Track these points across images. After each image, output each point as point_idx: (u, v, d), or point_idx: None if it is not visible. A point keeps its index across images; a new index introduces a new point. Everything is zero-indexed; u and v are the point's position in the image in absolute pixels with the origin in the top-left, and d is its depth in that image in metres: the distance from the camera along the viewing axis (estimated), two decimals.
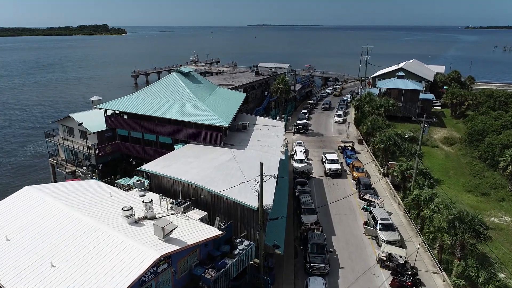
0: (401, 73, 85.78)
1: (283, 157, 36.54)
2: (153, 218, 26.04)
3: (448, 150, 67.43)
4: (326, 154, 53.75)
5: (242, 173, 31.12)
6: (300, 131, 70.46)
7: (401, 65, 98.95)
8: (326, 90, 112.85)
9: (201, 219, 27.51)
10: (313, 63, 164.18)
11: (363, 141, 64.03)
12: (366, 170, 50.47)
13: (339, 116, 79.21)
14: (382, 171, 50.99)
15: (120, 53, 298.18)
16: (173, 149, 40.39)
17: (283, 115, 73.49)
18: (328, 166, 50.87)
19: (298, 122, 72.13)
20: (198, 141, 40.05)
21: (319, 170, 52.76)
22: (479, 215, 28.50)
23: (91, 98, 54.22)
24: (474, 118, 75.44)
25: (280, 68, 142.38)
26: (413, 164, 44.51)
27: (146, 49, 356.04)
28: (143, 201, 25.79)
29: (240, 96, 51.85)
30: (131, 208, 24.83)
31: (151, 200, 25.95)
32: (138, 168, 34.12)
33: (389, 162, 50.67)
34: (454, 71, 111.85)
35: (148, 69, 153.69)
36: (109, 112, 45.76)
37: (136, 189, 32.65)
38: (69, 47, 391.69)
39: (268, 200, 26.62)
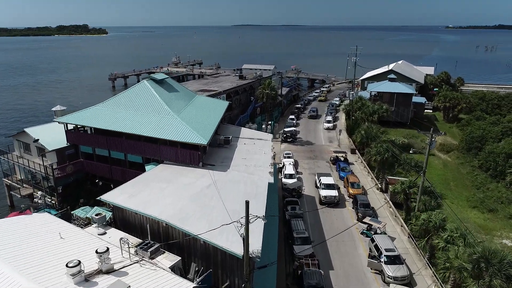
0: (392, 75, 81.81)
1: (272, 180, 31.33)
2: (110, 271, 20.54)
3: (445, 158, 63.51)
4: (321, 178, 45.04)
5: (224, 205, 25.79)
6: (288, 140, 65.42)
7: (391, 66, 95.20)
8: (313, 93, 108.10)
9: (173, 268, 22.08)
10: (299, 64, 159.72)
11: (356, 150, 59.41)
12: (362, 186, 45.68)
13: (328, 122, 74.52)
14: (380, 186, 46.30)
15: (99, 54, 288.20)
16: (144, 169, 34.83)
17: (270, 122, 68.40)
18: (324, 192, 42.70)
19: (286, 129, 67.07)
20: (173, 160, 34.51)
21: (310, 186, 47.76)
22: (509, 254, 23.86)
23: (54, 108, 48.00)
24: (470, 123, 71.87)
25: (265, 70, 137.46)
26: (416, 180, 40.00)
27: (127, 50, 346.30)
28: (96, 251, 20.23)
29: (222, 105, 46.43)
30: (79, 263, 19.19)
31: (107, 250, 20.38)
32: (99, 198, 28.39)
33: (388, 176, 46.05)
34: (444, 72, 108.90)
35: (127, 71, 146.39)
36: (70, 126, 39.76)
37: (95, 225, 26.95)
38: (46, 48, 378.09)
39: (256, 245, 21.37)
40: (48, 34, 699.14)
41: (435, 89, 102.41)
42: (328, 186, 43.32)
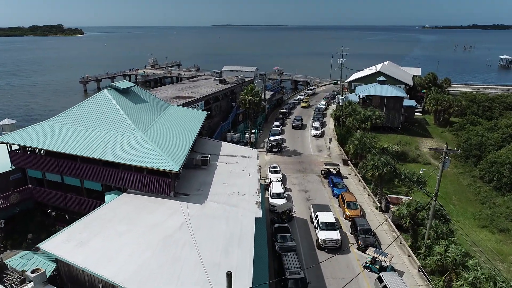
0: (382, 78, 77.52)
1: (260, 213, 25.58)
2: None
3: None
4: (318, 214, 36.02)
5: (200, 256, 19.94)
6: (274, 150, 59.83)
7: (378, 68, 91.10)
8: (298, 96, 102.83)
9: None
10: (281, 65, 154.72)
11: (349, 161, 54.39)
12: (360, 206, 40.47)
13: (316, 128, 69.34)
14: (379, 205, 41.20)
15: (72, 56, 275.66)
16: (104, 199, 28.56)
17: (253, 131, 62.67)
18: (323, 235, 33.62)
19: (271, 138, 61.42)
20: (139, 189, 28.33)
21: (301, 205, 42.30)
22: None
23: (1, 123, 41.07)
24: (465, 128, 68.07)
25: (247, 71, 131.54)
26: (422, 201, 35.11)
27: (103, 51, 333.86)
28: None
29: (199, 116, 40.33)
30: None
31: None
32: (38, 246, 22.03)
33: (388, 195, 41.03)
34: (431, 73, 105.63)
35: (100, 74, 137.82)
36: (15, 146, 32.98)
37: (30, 285, 20.61)
38: (17, 49, 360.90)
39: None
40: (21, 34, 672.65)
41: (423, 91, 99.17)
42: (328, 226, 34.48)
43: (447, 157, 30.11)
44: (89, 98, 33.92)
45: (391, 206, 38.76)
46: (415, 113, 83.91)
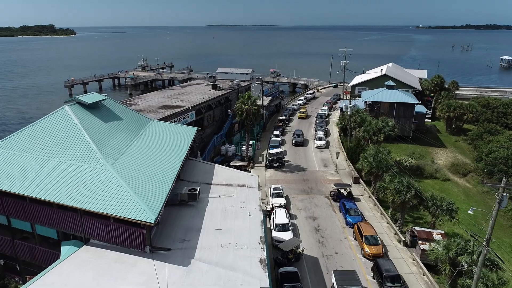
0: (390, 82, 70.94)
1: (267, 282, 18.68)
2: None
3: (463, 184, 52.93)
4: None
5: None
6: (275, 165, 53.02)
7: (384, 70, 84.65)
8: (297, 101, 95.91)
9: None
10: (277, 66, 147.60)
11: (361, 179, 47.76)
12: (381, 240, 33.80)
13: (320, 139, 62.60)
14: (403, 239, 34.54)
15: (61, 57, 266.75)
16: (60, 249, 21.69)
17: (251, 143, 55.80)
18: None
19: (271, 152, 54.53)
20: (104, 240, 21.42)
21: (309, 238, 35.54)
22: None
23: None
24: (483, 138, 61.81)
25: (242, 73, 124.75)
26: (462, 242, 28.54)
27: (94, 51, 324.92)
28: None
29: (187, 133, 33.37)
30: None
31: None
32: None
33: (415, 228, 34.35)
34: (437, 75, 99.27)
35: (86, 77, 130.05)
36: None
37: None
38: (3, 50, 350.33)
39: None
40: (11, 35, 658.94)
41: (431, 95, 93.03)
42: None
43: (504, 194, 23.37)
44: (46, 116, 26.90)
45: (420, 242, 32.11)
46: (426, 120, 77.72)
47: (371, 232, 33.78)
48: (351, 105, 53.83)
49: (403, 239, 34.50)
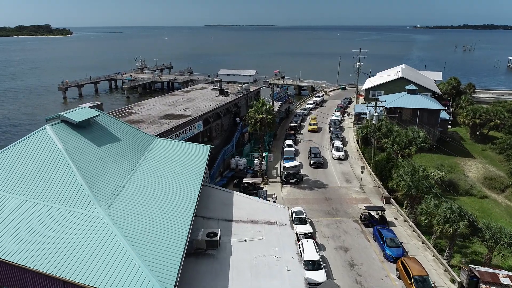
0: (412, 86, 65.46)
1: None
2: None
3: (503, 201, 47.36)
4: None
5: None
6: (291, 181, 47.22)
7: (400, 73, 79.07)
8: (307, 105, 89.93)
9: None
10: (281, 68, 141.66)
11: (392, 199, 42.03)
12: (434, 283, 28.01)
13: (338, 149, 56.80)
14: (458, 279, 28.74)
15: (57, 57, 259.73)
16: None
17: (264, 155, 49.92)
18: None
19: (286, 165, 48.62)
20: None
21: (344, 277, 29.75)
22: None
23: None
24: None
25: (245, 75, 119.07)
26: None
27: (90, 52, 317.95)
28: None
29: (200, 155, 27.42)
30: None
31: None
32: None
33: (474, 267, 28.55)
34: (453, 78, 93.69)
35: (82, 79, 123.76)
36: None
37: None
38: None
39: None
40: (6, 35, 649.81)
41: (448, 99, 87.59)
42: None
43: None
44: (22, 139, 20.92)
45: (483, 286, 26.34)
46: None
47: (421, 273, 27.93)
48: (376, 113, 47.89)
49: (458, 279, 28.73)
